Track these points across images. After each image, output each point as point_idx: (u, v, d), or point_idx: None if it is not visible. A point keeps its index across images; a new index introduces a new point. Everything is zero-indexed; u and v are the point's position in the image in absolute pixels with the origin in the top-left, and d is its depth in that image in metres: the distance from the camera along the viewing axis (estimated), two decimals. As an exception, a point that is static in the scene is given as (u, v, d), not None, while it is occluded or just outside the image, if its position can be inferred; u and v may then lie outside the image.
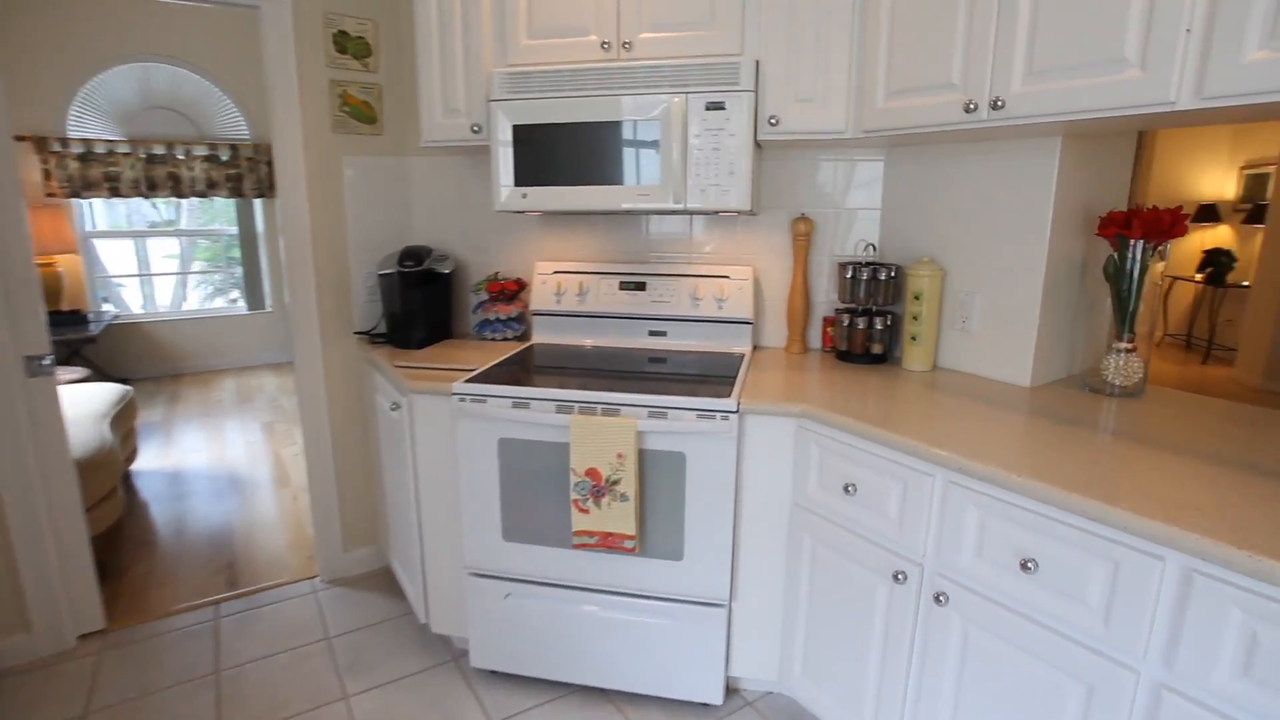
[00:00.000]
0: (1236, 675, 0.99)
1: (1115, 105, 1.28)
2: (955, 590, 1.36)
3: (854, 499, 1.54)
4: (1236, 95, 1.14)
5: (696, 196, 1.83)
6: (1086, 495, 1.12)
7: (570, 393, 1.71)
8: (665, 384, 1.77)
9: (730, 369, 1.92)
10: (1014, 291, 1.76)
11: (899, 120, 1.64)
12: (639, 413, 1.68)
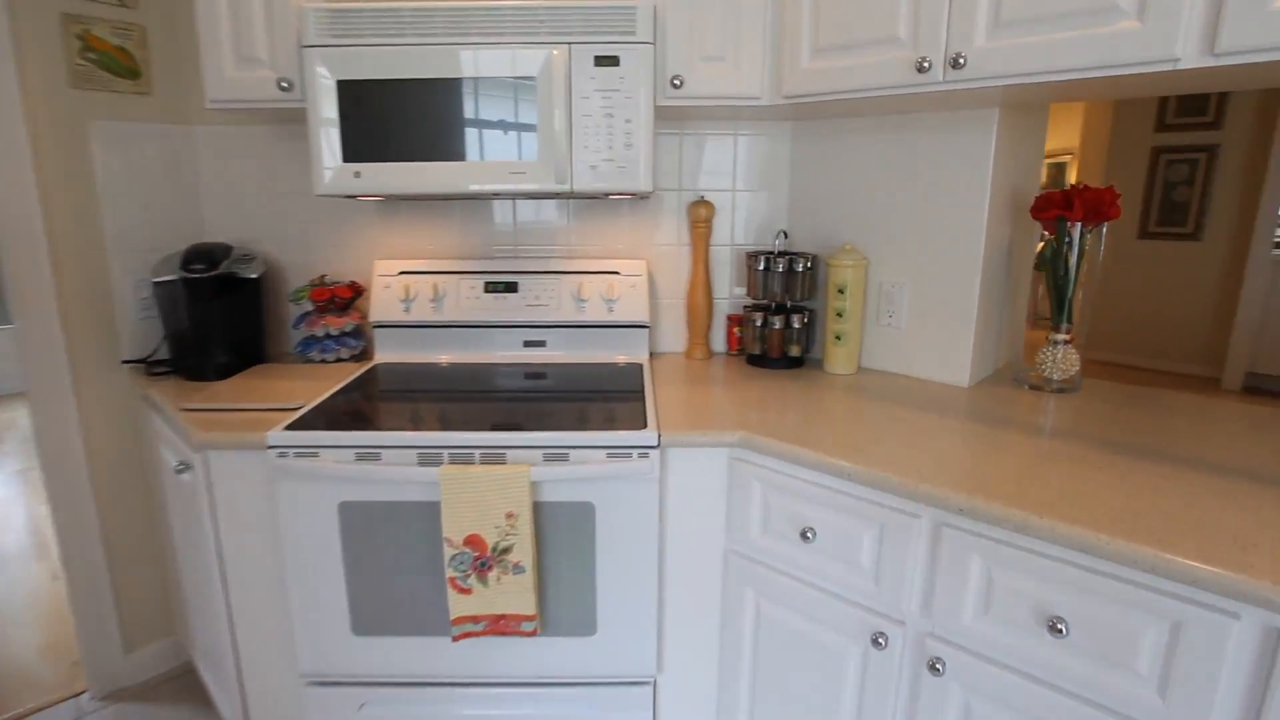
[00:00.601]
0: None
1: (1105, 64, 1.05)
2: (955, 655, 1.08)
3: (814, 546, 1.23)
4: (1259, 50, 0.94)
5: (586, 176, 1.43)
6: (1135, 541, 0.87)
7: (437, 435, 1.26)
8: (554, 409, 1.37)
9: (631, 385, 1.56)
10: (948, 281, 1.55)
11: (830, 84, 1.35)
12: (532, 456, 1.27)
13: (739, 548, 1.34)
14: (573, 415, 1.35)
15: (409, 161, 1.43)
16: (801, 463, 1.19)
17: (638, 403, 1.42)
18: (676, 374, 1.67)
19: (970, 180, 1.47)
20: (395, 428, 1.28)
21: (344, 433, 1.27)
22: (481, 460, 1.26)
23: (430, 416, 1.35)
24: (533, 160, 1.42)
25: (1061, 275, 1.48)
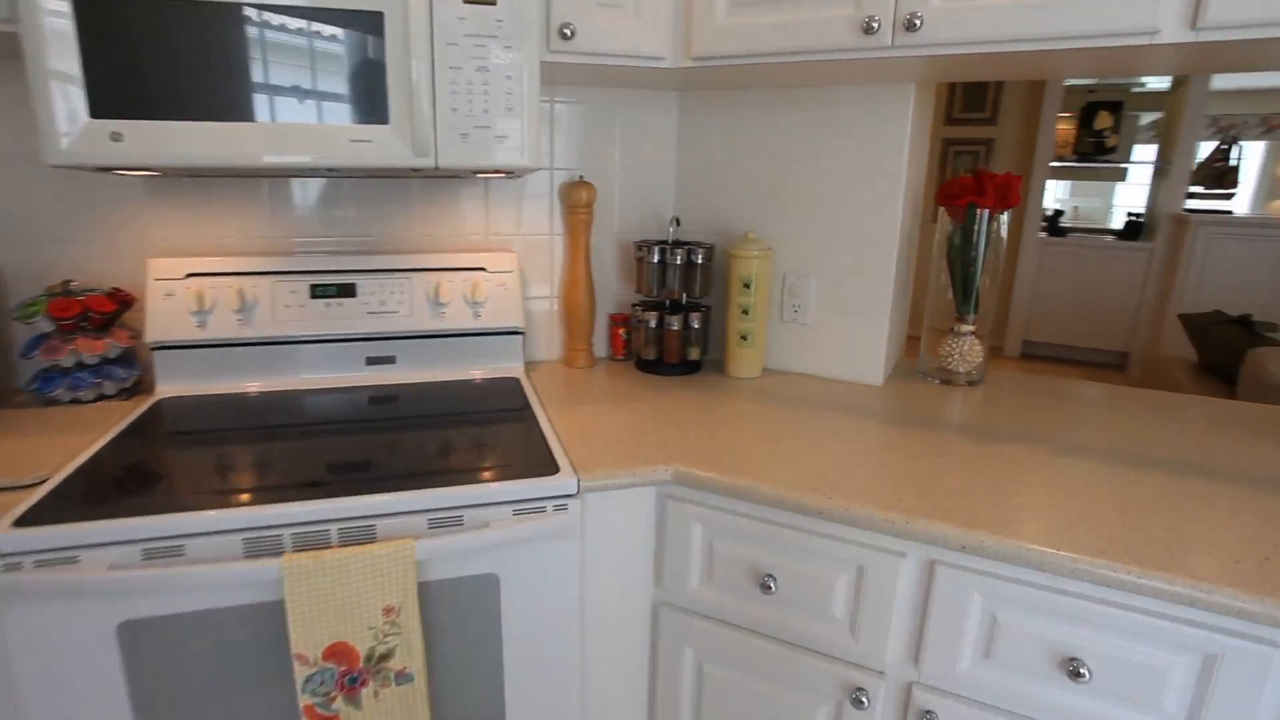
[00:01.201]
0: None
1: (1078, 32, 0.92)
2: (953, 708, 0.94)
3: (774, 598, 1.03)
4: (1243, 26, 0.86)
5: (455, 147, 1.08)
6: (1168, 572, 0.76)
7: (274, 511, 0.87)
8: (428, 451, 1.03)
9: (514, 407, 1.25)
10: (860, 272, 1.41)
11: (751, 44, 1.12)
12: (414, 525, 0.93)
13: (674, 600, 1.10)
14: (457, 459, 1.02)
15: (196, 121, 0.99)
16: (759, 500, 0.98)
17: (532, 433, 1.12)
18: (563, 389, 1.38)
19: (885, 161, 1.33)
20: (204, 503, 0.87)
21: (119, 522, 0.84)
22: (342, 539, 0.90)
23: (254, 476, 0.95)
24: (383, 126, 1.05)
25: (970, 264, 1.41)
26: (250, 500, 0.88)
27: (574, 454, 1.05)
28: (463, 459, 1.03)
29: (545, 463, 1.02)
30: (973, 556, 0.88)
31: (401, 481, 0.95)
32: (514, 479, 0.96)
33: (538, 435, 1.12)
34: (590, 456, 1.05)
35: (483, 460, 1.02)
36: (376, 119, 1.04)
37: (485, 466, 1.00)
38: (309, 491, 0.91)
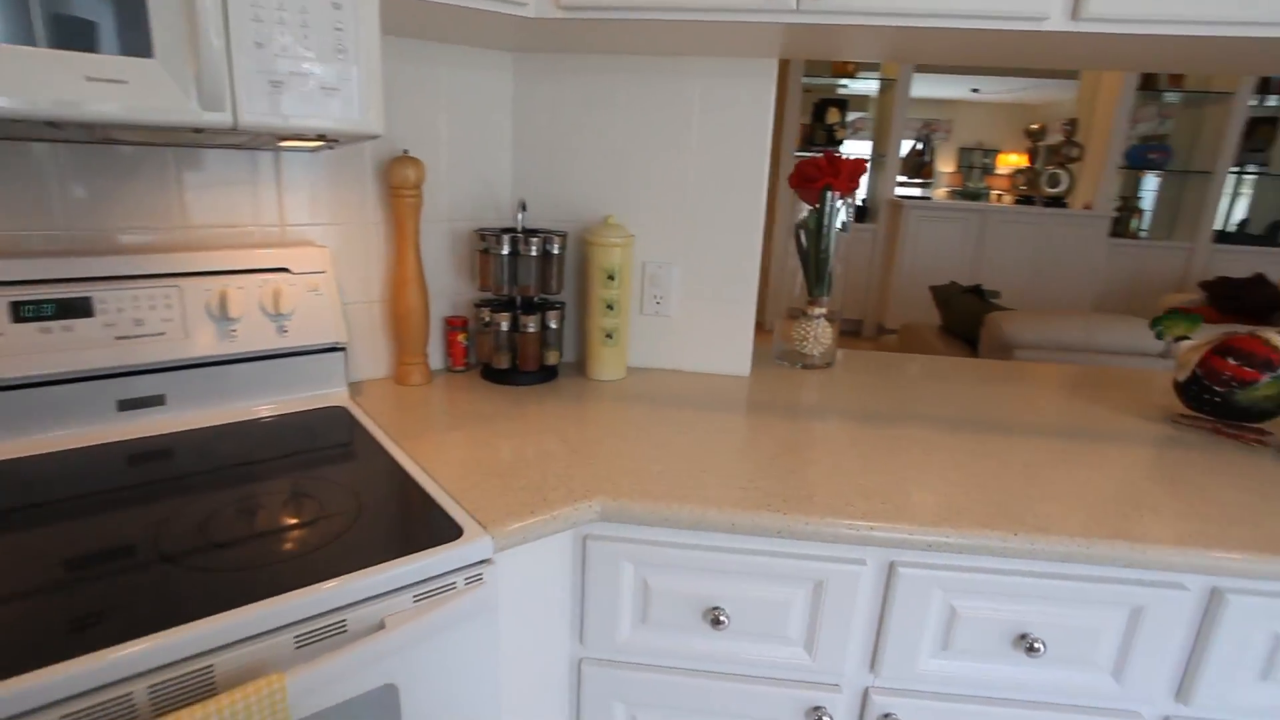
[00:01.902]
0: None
1: (976, 11, 0.91)
2: (913, 705, 0.89)
3: (726, 631, 0.89)
4: (1120, 20, 0.89)
5: (261, 100, 0.75)
6: (1115, 537, 0.79)
7: (45, 678, 0.52)
8: (240, 525, 0.72)
9: (354, 444, 0.95)
10: (725, 258, 1.31)
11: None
12: (274, 649, 0.62)
13: (600, 654, 0.92)
14: (311, 534, 0.72)
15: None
16: (708, 527, 0.83)
17: (401, 481, 0.85)
18: (408, 415, 1.09)
19: (748, 140, 1.25)
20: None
21: None
22: (158, 703, 0.57)
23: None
24: (144, 60, 0.69)
25: (824, 248, 1.40)
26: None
27: (468, 503, 0.81)
28: (319, 533, 0.73)
29: (440, 523, 0.76)
30: (935, 553, 0.83)
31: (238, 587, 0.63)
32: (410, 554, 0.70)
33: (409, 484, 0.85)
34: (488, 503, 0.82)
35: (351, 532, 0.74)
36: (133, 48, 0.68)
37: (360, 542, 0.72)
38: (79, 640, 0.56)
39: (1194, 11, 0.87)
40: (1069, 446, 1.07)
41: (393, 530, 0.74)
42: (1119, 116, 4.16)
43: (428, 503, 0.80)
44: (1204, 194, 4.22)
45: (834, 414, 1.17)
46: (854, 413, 1.18)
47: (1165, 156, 4.32)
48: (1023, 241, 4.29)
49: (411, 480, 0.85)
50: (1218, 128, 4.12)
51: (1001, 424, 1.16)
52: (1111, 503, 0.88)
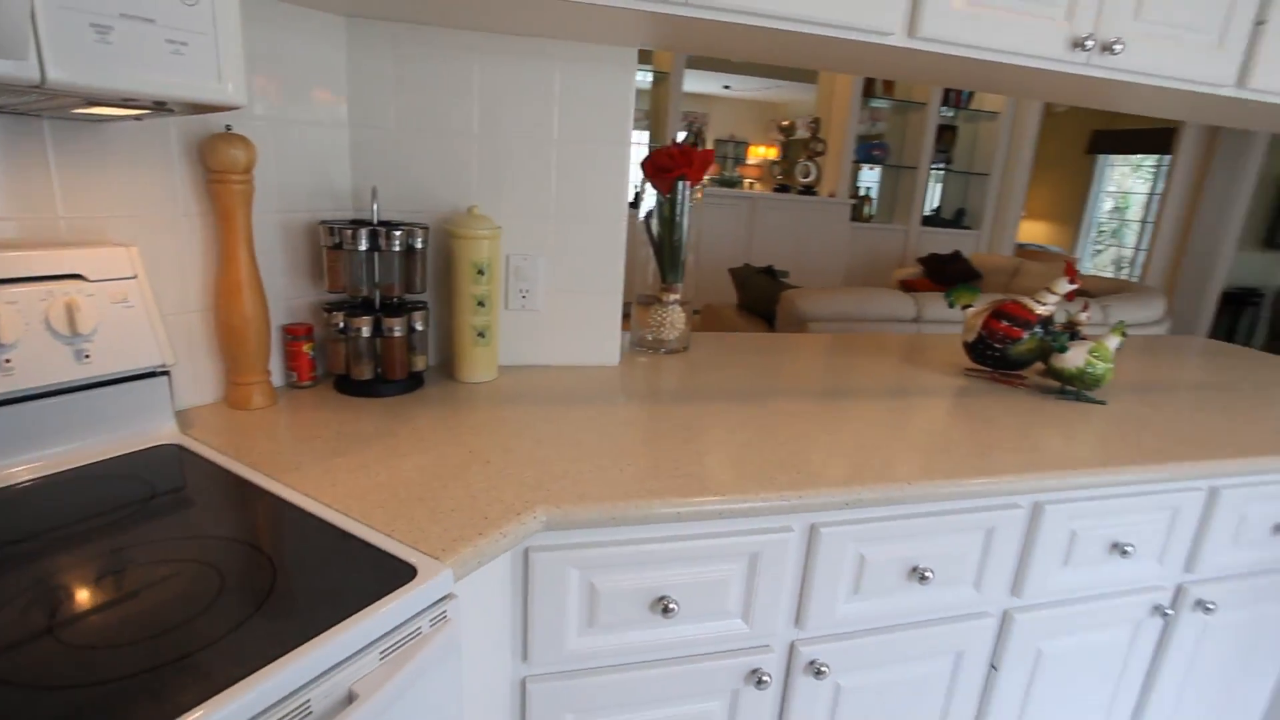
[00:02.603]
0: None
1: (828, 20, 0.99)
2: (832, 648, 0.97)
3: (675, 617, 0.88)
4: (942, 42, 1.03)
5: (82, 51, 0.57)
6: (975, 475, 0.94)
7: None
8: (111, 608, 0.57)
9: (220, 488, 0.78)
10: (590, 248, 1.29)
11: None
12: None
13: (548, 668, 0.86)
14: (211, 620, 0.58)
15: None
16: (655, 520, 0.82)
17: (301, 524, 0.71)
18: (271, 445, 0.91)
19: (612, 127, 1.23)
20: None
21: None
22: None
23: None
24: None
25: (677, 236, 1.43)
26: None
27: (404, 536, 0.71)
28: (234, 606, 0.58)
29: (383, 564, 0.65)
30: (849, 510, 0.91)
31: (152, 693, 0.48)
32: (367, 606, 0.59)
33: (321, 526, 0.71)
34: (425, 532, 0.72)
35: (273, 598, 0.60)
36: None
37: (292, 608, 0.59)
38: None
39: (1012, 43, 1.04)
40: (904, 403, 1.24)
41: (329, 585, 0.62)
42: (851, 118, 4.85)
43: (354, 544, 0.69)
44: (913, 186, 5.11)
45: (714, 395, 1.22)
46: (730, 392, 1.24)
47: (885, 153, 5.13)
48: (783, 225, 4.83)
49: (320, 521, 0.72)
50: (918, 131, 5.01)
51: (847, 390, 1.30)
52: (958, 446, 1.04)
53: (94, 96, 0.59)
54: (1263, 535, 1.19)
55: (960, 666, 1.06)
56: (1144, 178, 6.86)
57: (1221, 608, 1.19)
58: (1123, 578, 1.11)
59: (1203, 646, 1.22)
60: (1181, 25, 1.11)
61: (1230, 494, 1.12)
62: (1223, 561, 1.17)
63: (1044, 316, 1.40)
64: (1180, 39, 1.12)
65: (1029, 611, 1.07)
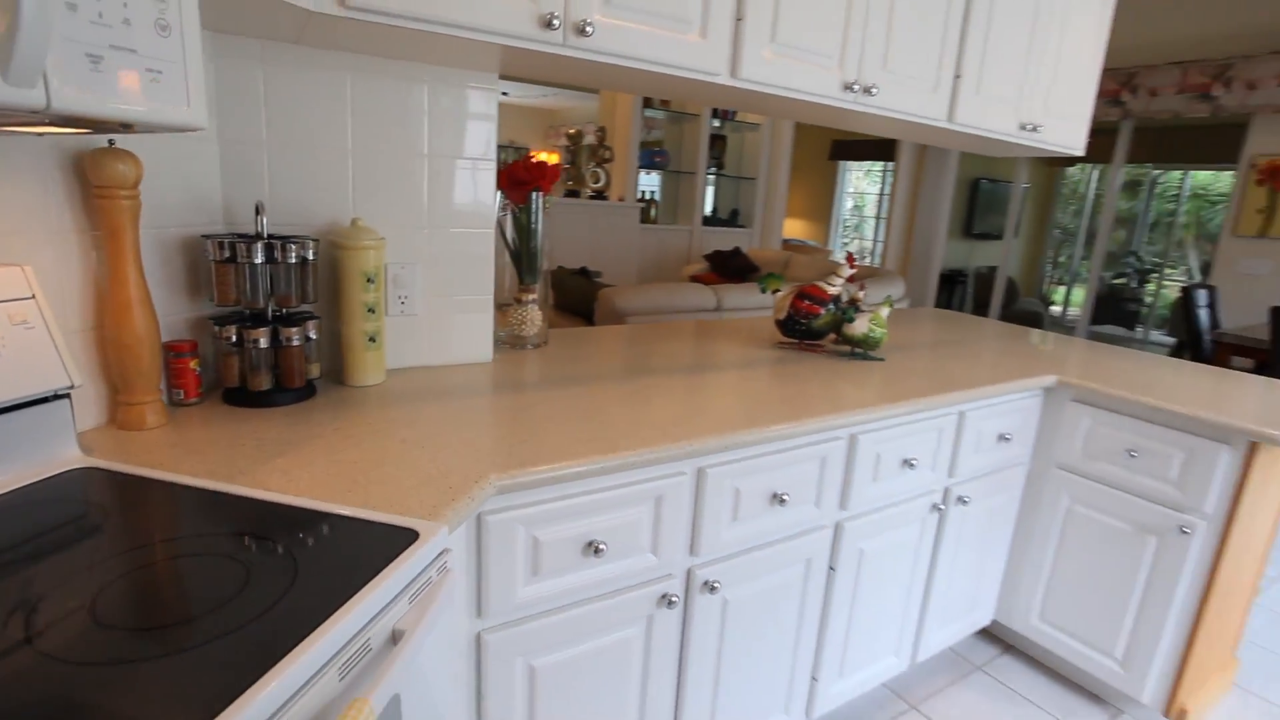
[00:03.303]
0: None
1: (675, 63, 1.23)
2: (720, 567, 1.22)
3: (604, 558, 1.06)
4: (758, 83, 1.33)
5: (79, 78, 0.61)
6: (808, 417, 1.27)
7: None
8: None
9: (112, 506, 0.82)
10: (461, 256, 1.41)
11: (417, 5, 0.99)
12: (325, 686, 0.58)
13: (501, 619, 1.00)
14: (275, 592, 0.66)
15: None
16: (589, 474, 1.00)
17: (292, 519, 0.79)
18: (200, 458, 0.93)
19: (481, 144, 1.37)
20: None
21: None
22: None
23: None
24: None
25: (533, 242, 1.60)
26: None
27: (388, 509, 0.82)
28: (282, 580, 0.67)
29: (385, 532, 0.77)
30: (727, 453, 1.17)
31: (264, 646, 0.57)
32: (392, 562, 0.71)
33: (311, 516, 0.80)
34: (404, 503, 0.84)
35: (306, 573, 0.69)
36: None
37: (330, 581, 0.68)
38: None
39: (803, 84, 1.37)
40: (741, 370, 1.55)
41: (350, 554, 0.72)
42: (633, 126, 5.28)
43: (351, 522, 0.79)
44: (693, 189, 5.69)
45: (589, 378, 1.42)
46: (601, 375, 1.45)
47: (665, 160, 5.65)
48: (579, 228, 5.12)
49: (304, 510, 0.80)
50: (694, 140, 5.60)
51: (694, 365, 1.58)
52: (790, 398, 1.36)
53: (84, 121, 0.64)
54: (992, 444, 1.68)
55: (809, 571, 1.38)
56: (874, 181, 8.29)
57: (973, 500, 1.67)
58: (911, 486, 1.52)
59: (963, 530, 1.69)
60: (913, 75, 1.55)
61: (972, 416, 1.58)
62: (972, 465, 1.64)
63: (835, 295, 1.80)
64: (910, 85, 1.56)
65: (853, 520, 1.42)
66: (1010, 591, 1.90)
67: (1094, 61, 1.96)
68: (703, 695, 1.30)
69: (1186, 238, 7.18)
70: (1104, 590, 1.71)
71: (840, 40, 1.42)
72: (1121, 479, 1.66)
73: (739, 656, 1.33)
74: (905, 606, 1.64)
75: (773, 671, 1.41)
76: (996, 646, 2.01)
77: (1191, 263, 7.01)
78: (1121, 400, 1.64)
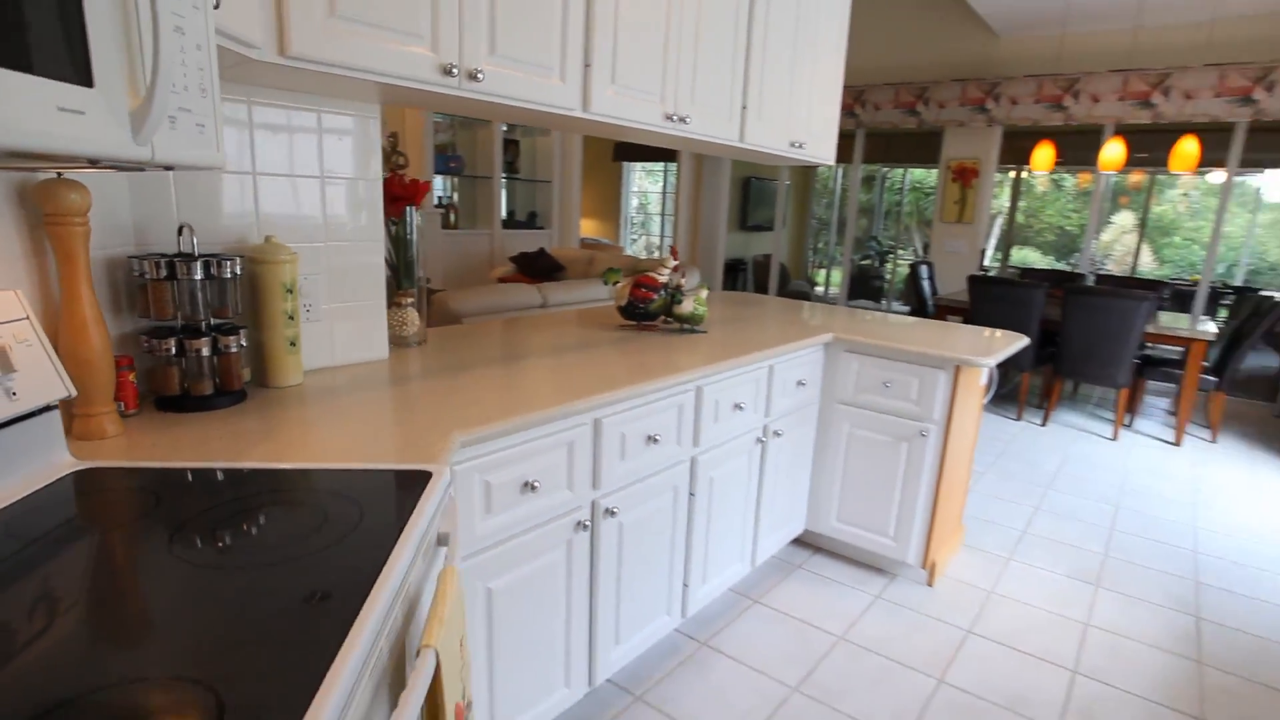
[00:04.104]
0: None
1: (543, 102, 1.56)
2: (616, 496, 1.57)
3: (538, 493, 1.38)
4: (604, 115, 1.70)
5: (165, 134, 0.80)
6: (673, 374, 1.68)
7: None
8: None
9: (225, 485, 1.00)
10: (356, 264, 1.62)
11: (349, 56, 1.21)
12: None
13: (465, 551, 1.29)
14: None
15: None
16: (529, 425, 1.32)
17: (328, 482, 1.01)
18: (187, 454, 1.09)
19: (368, 166, 1.59)
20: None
21: None
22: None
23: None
24: (86, 89, 0.69)
25: (410, 252, 1.82)
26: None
27: (399, 459, 1.07)
28: (347, 520, 0.91)
29: (407, 476, 1.03)
30: (613, 405, 1.53)
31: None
32: (424, 491, 0.98)
33: (335, 472, 1.03)
34: (405, 455, 1.09)
35: (374, 507, 0.94)
36: (77, 76, 0.70)
37: (390, 503, 0.94)
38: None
39: (633, 116, 1.77)
40: (598, 349, 1.93)
41: (389, 490, 0.98)
42: (425, 132, 5.39)
43: (375, 473, 1.03)
44: (490, 193, 5.93)
45: (483, 363, 1.71)
46: (491, 360, 1.74)
47: (460, 164, 5.83)
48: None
49: (329, 470, 1.03)
50: (488, 144, 5.85)
51: (558, 348, 1.93)
52: (645, 364, 1.77)
53: (160, 167, 0.83)
54: (793, 389, 2.22)
55: (677, 497, 1.80)
56: (656, 180, 9.10)
57: (784, 433, 2.20)
58: (742, 425, 2.00)
59: (779, 459, 2.22)
60: (714, 107, 2.03)
61: (779, 368, 2.10)
62: (781, 406, 2.17)
63: (665, 283, 2.24)
64: (712, 115, 2.04)
65: (704, 454, 1.86)
66: (815, 503, 2.49)
67: (837, 91, 2.63)
68: (609, 603, 1.67)
69: (910, 224, 8.86)
70: (877, 489, 2.35)
71: (660, 80, 1.85)
72: (882, 404, 2.30)
73: (634, 568, 1.71)
74: (744, 522, 2.13)
75: (657, 580, 1.81)
76: (809, 549, 2.62)
77: (916, 244, 8.68)
78: (877, 347, 2.27)
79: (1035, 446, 4.12)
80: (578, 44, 1.64)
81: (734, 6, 2.09)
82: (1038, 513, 3.16)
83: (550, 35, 1.57)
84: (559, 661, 1.58)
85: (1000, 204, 7.51)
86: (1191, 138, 4.41)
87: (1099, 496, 3.40)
